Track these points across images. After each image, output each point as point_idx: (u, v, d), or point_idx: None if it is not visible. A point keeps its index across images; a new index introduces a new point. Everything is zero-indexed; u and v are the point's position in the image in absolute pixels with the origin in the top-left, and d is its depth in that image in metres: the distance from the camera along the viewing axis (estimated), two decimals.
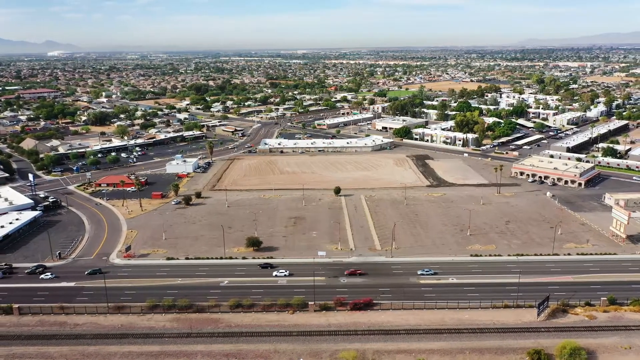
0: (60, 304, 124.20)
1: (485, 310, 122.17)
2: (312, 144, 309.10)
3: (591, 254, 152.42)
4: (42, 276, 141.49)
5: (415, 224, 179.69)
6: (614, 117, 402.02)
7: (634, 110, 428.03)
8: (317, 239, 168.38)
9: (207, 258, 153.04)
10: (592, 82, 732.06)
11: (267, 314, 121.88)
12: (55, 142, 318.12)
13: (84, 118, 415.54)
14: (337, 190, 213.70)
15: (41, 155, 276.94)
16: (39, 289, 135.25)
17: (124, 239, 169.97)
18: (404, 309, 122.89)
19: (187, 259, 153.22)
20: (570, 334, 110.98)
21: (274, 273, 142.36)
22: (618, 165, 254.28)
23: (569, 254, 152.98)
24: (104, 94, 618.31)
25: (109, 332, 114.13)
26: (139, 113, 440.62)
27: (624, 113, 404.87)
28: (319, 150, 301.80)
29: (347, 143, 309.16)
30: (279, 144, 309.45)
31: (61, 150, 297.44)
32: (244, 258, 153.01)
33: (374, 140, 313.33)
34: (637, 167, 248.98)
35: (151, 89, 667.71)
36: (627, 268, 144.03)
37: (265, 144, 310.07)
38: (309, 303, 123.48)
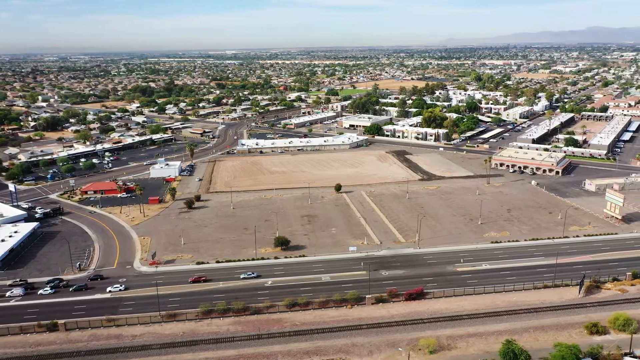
0: (107, 317, 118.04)
1: (529, 291, 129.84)
2: (289, 143, 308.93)
3: (597, 235, 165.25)
4: (40, 291, 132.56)
5: (427, 216, 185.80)
6: (558, 110, 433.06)
7: (572, 103, 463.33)
8: (338, 235, 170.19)
9: (239, 260, 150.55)
10: (522, 78, 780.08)
11: (326, 310, 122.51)
12: (13, 150, 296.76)
13: (32, 123, 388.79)
14: (338, 188, 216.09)
15: (5, 164, 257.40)
16: (74, 302, 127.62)
17: (139, 246, 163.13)
18: (455, 295, 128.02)
19: (217, 262, 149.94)
20: (613, 307, 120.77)
21: (108, 288, 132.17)
22: (582, 154, 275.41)
23: (577, 236, 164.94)
24: (40, 97, 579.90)
25: (174, 340, 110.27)
26: (90, 117, 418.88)
27: (566, 106, 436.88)
28: (298, 150, 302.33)
29: (325, 141, 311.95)
30: (257, 144, 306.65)
31: (22, 157, 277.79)
32: (276, 258, 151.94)
33: (349, 138, 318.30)
34: (600, 155, 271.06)
35: (91, 92, 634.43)
36: (632, 245, 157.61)
37: (243, 144, 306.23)
38: (366, 297, 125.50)
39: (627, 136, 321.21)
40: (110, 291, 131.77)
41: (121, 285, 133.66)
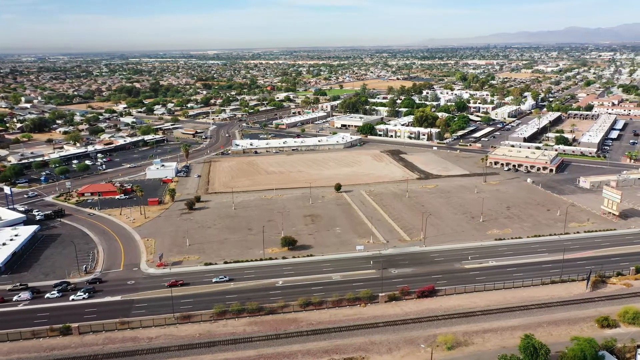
0: (120, 319, 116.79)
1: (537, 287, 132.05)
2: (283, 143, 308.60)
3: (596, 231, 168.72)
4: (47, 295, 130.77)
5: (429, 215, 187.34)
6: (545, 109, 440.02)
7: (558, 102, 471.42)
8: (343, 234, 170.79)
9: (247, 260, 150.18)
10: (506, 78, 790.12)
11: (340, 309, 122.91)
12: (2, 152, 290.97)
13: (19, 125, 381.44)
14: (338, 187, 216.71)
15: None
16: (84, 305, 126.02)
17: (143, 248, 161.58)
18: (466, 292, 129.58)
19: (225, 263, 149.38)
20: (621, 300, 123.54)
21: (71, 297, 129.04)
22: (573, 152, 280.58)
23: (577, 232, 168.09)
24: (23, 98, 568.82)
25: (192, 342, 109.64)
26: (78, 118, 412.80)
27: (552, 105, 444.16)
28: (293, 150, 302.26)
29: (319, 141, 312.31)
30: (251, 145, 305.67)
31: (12, 159, 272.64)
32: (284, 258, 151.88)
33: (343, 137, 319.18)
34: (590, 153, 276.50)
35: (76, 93, 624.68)
36: (631, 241, 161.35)
37: (237, 145, 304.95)
38: (379, 295, 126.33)
39: (614, 134, 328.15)
40: (73, 299, 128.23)
41: (85, 294, 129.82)
